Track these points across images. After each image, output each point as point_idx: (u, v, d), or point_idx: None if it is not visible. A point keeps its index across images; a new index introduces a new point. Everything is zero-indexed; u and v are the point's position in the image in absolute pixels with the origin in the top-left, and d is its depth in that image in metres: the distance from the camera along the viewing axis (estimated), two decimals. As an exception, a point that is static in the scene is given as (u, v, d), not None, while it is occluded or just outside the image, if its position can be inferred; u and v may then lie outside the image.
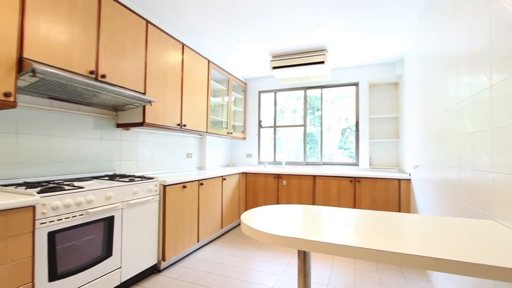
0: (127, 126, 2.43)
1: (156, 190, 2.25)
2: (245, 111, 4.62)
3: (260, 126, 4.58)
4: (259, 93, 4.60)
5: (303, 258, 1.20)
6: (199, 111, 3.22)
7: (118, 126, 2.47)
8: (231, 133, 4.04)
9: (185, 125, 2.92)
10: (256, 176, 3.82)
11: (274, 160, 4.46)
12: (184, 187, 2.53)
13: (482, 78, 1.29)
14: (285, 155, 4.42)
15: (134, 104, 2.24)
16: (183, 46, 2.90)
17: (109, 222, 1.82)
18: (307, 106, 4.25)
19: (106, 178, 2.13)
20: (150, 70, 2.43)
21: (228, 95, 3.99)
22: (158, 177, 2.47)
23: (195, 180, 2.72)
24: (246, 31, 2.86)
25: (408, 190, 3.04)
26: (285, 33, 2.88)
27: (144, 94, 2.36)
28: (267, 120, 4.57)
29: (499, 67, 1.13)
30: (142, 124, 2.34)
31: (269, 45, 3.21)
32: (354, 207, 3.28)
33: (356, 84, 3.96)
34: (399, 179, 3.08)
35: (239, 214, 3.75)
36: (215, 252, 2.80)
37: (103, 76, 1.96)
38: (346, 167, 3.92)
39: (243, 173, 3.86)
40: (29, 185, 1.63)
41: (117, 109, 2.42)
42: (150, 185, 2.19)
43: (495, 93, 1.16)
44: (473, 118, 1.38)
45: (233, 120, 4.39)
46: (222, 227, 3.29)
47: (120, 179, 2.08)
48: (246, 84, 4.63)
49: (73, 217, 1.58)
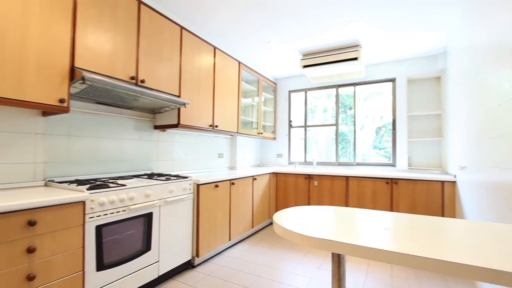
0: (164, 128, 2.56)
1: (190, 189, 2.34)
2: (275, 111, 4.62)
3: (290, 126, 4.54)
4: (289, 92, 4.56)
5: (338, 262, 1.16)
6: (230, 112, 3.28)
7: (156, 127, 2.61)
8: (261, 133, 4.06)
9: (217, 126, 3.00)
10: (286, 176, 3.79)
11: (305, 160, 4.39)
12: (216, 186, 2.60)
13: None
14: (315, 155, 4.33)
15: (170, 106, 2.36)
16: (215, 49, 2.98)
17: (148, 218, 1.93)
18: (339, 104, 4.11)
19: (145, 177, 2.27)
20: (184, 73, 2.54)
21: (258, 96, 4.02)
22: (192, 176, 2.57)
23: (227, 179, 2.78)
24: (276, 31, 2.85)
25: (453, 193, 2.80)
26: (316, 30, 2.83)
27: (179, 97, 2.47)
28: (297, 119, 4.51)
29: None
30: (177, 125, 2.46)
31: (299, 43, 3.17)
32: (391, 210, 3.11)
33: (392, 80, 3.74)
34: (443, 181, 2.85)
35: (269, 214, 3.76)
36: (246, 251, 2.83)
37: (143, 81, 2.09)
38: (381, 168, 3.73)
39: (274, 173, 3.85)
40: (79, 182, 1.80)
41: (154, 111, 2.56)
42: (185, 184, 2.28)
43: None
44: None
45: (263, 120, 4.41)
46: (253, 227, 3.32)
47: (157, 178, 2.20)
48: (276, 84, 4.63)
49: (117, 212, 1.71)
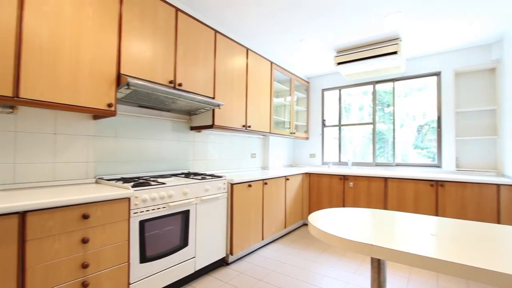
0: (199, 129, 2.66)
1: (224, 188, 2.40)
2: (307, 110, 4.54)
3: (323, 125, 4.43)
4: (322, 91, 4.45)
5: (377, 267, 1.11)
6: (263, 112, 3.30)
7: (192, 128, 2.73)
8: (294, 133, 4.02)
9: (249, 126, 3.03)
10: (320, 177, 3.70)
11: (339, 160, 4.24)
12: (249, 186, 2.63)
13: None
14: (350, 155, 4.16)
15: (205, 108, 2.44)
16: (247, 50, 3.02)
17: (185, 215, 2.02)
18: (376, 102, 3.91)
19: (182, 176, 2.38)
20: (218, 75, 2.61)
21: (290, 95, 3.98)
22: (225, 176, 2.63)
23: (260, 179, 2.80)
24: (309, 29, 2.80)
25: (511, 197, 2.50)
26: (351, 26, 2.72)
27: (213, 98, 2.55)
28: (331, 118, 4.38)
29: None
30: (212, 126, 2.54)
31: (333, 40, 3.07)
32: (436, 215, 2.87)
33: (437, 73, 3.45)
34: (498, 184, 2.56)
35: (302, 215, 3.70)
36: (279, 251, 2.82)
37: (180, 84, 2.20)
38: (424, 169, 3.46)
39: (307, 173, 3.79)
40: (125, 180, 1.95)
41: (190, 113, 2.67)
42: (220, 183, 2.35)
43: None
44: None
45: (295, 120, 4.36)
46: (285, 227, 3.30)
47: (194, 177, 2.29)
48: (308, 82, 4.54)
49: (157, 209, 1.82)
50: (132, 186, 1.70)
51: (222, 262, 2.46)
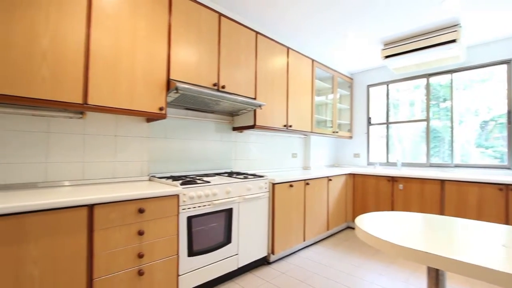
0: (241, 129, 2.72)
1: (266, 188, 2.42)
2: (351, 108, 4.33)
3: (369, 123, 4.18)
4: (368, 87, 4.20)
5: (435, 278, 1.01)
6: (304, 111, 3.25)
7: (234, 129, 2.80)
8: (337, 132, 3.87)
9: (290, 125, 3.01)
10: (365, 178, 3.51)
11: (387, 160, 3.96)
12: (291, 186, 2.61)
13: None
14: (399, 155, 3.86)
15: (247, 108, 2.49)
16: (288, 49, 3.00)
17: (228, 213, 2.09)
18: (430, 96, 3.56)
19: (225, 175, 2.46)
20: (260, 76, 2.64)
21: (332, 93, 3.85)
22: (267, 175, 2.65)
23: (301, 179, 2.76)
24: (353, 22, 2.67)
25: None
26: (401, 15, 2.52)
27: (254, 99, 2.59)
28: (377, 116, 4.12)
29: None
30: (253, 126, 2.58)
31: (379, 32, 2.88)
32: (506, 223, 2.51)
33: (507, 62, 3.02)
34: None
35: (346, 217, 3.55)
36: (321, 253, 2.75)
37: (223, 86, 2.28)
38: (491, 171, 3.05)
39: (350, 174, 3.62)
40: (174, 178, 2.09)
41: (233, 114, 2.75)
42: (261, 182, 2.37)
43: None
44: None
45: (338, 118, 4.19)
46: (328, 229, 3.20)
47: (236, 176, 2.35)
48: (352, 79, 4.34)
49: (203, 206, 1.91)
50: (180, 184, 1.82)
51: (264, 261, 2.48)
